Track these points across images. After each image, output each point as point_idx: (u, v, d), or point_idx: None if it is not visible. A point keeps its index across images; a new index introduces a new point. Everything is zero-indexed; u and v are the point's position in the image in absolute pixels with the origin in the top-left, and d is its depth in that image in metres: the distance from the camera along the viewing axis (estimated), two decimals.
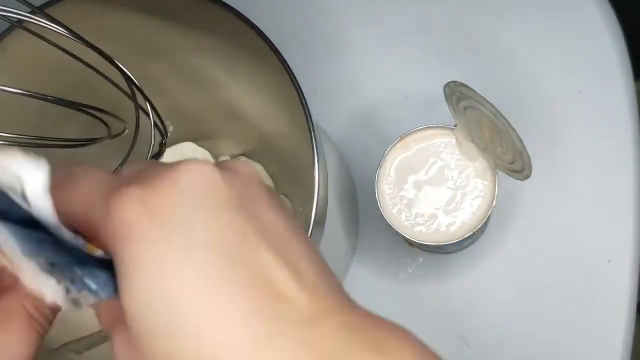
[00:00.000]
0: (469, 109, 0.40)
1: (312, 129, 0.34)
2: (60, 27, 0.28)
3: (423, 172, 0.42)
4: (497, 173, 0.41)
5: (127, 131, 0.32)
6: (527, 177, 0.39)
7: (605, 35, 0.50)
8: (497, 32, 0.52)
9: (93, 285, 0.19)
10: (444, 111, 0.52)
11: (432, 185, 0.42)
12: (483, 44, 0.52)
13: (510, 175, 0.40)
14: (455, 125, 0.42)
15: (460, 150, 0.42)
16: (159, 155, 0.34)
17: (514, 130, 0.38)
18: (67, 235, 0.19)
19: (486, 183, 0.42)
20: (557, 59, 0.51)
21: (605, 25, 0.50)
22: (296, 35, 0.55)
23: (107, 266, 0.20)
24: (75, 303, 0.19)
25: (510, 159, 0.39)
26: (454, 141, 0.42)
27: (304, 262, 0.19)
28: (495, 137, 0.39)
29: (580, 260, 0.48)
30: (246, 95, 0.46)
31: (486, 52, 0.52)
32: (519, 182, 0.48)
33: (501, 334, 0.48)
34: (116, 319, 0.20)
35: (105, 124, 0.30)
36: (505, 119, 0.38)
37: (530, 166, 0.38)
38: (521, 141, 0.38)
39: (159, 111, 0.33)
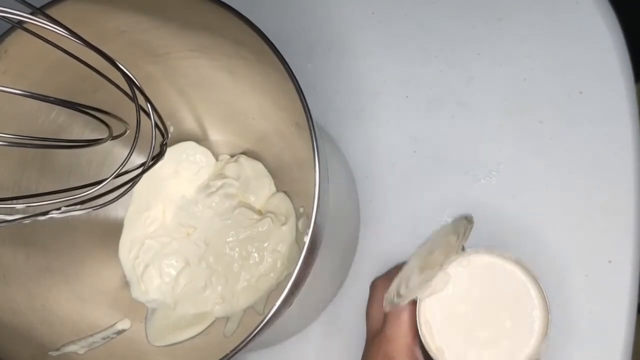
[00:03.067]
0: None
1: (312, 128, 0.34)
2: (61, 27, 0.28)
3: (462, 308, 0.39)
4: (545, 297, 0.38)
5: (127, 132, 0.32)
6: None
7: (605, 35, 0.50)
8: (497, 32, 0.52)
9: None
10: (444, 111, 0.52)
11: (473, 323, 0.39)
12: (483, 44, 0.52)
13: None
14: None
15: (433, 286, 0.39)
16: (160, 155, 0.34)
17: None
18: None
19: (535, 302, 0.38)
20: (558, 59, 0.51)
21: (605, 25, 0.50)
22: (296, 35, 0.56)
23: None
24: None
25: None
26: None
27: None
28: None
29: (580, 261, 0.48)
30: (246, 94, 0.46)
31: (486, 52, 0.52)
32: (513, 179, 0.48)
33: None
34: None
35: (106, 125, 0.30)
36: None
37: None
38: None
39: (159, 111, 0.33)
